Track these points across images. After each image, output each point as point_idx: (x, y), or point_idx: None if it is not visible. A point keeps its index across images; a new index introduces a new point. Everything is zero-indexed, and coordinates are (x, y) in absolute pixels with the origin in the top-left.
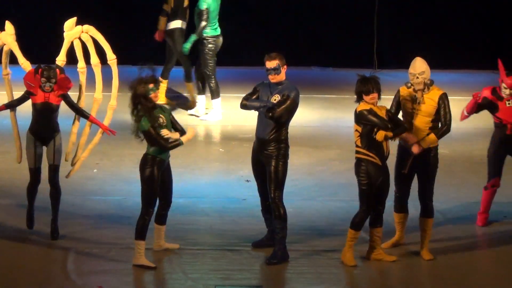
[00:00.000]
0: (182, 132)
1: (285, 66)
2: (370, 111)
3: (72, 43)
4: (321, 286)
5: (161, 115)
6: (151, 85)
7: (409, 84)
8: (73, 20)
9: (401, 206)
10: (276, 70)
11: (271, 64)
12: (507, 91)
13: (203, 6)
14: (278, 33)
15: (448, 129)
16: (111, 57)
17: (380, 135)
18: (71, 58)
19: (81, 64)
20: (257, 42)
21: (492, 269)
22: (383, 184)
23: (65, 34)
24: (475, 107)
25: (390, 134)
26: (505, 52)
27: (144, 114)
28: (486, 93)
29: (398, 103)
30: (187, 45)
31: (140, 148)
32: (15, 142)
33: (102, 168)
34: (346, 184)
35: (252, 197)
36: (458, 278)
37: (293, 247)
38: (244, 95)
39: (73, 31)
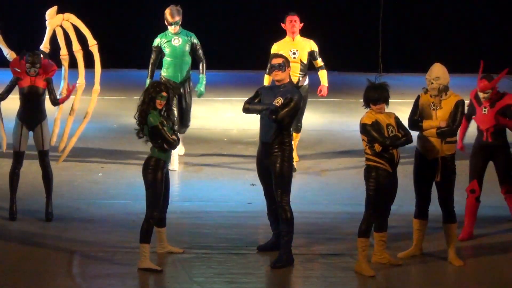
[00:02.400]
0: (178, 139)
1: (289, 68)
2: (373, 126)
3: (54, 31)
4: None
5: (163, 119)
6: (164, 93)
7: (426, 89)
8: (54, 8)
9: (421, 212)
10: (281, 67)
11: (276, 60)
12: (480, 95)
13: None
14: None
15: (451, 131)
16: (92, 42)
17: (378, 146)
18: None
19: (64, 51)
20: (261, 46)
21: (498, 273)
22: (391, 190)
23: (47, 22)
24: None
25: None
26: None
27: (151, 111)
28: (471, 96)
29: (417, 109)
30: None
31: (145, 152)
32: (1, 132)
33: (107, 171)
34: (351, 187)
35: (257, 201)
36: (462, 282)
37: (298, 250)
38: (246, 99)
39: (55, 19)
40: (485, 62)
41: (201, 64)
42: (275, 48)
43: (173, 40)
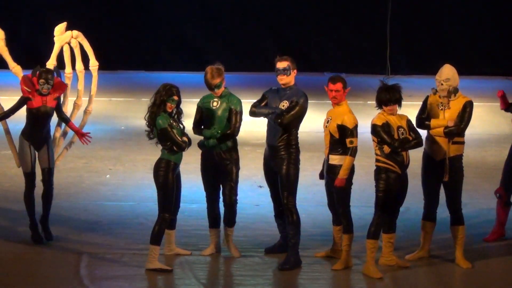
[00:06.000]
0: (190, 140)
1: (295, 70)
2: (383, 127)
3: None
4: None
5: (172, 121)
6: (175, 97)
7: (435, 90)
8: (63, 24)
9: (429, 213)
10: (286, 71)
11: (281, 64)
12: None
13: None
14: (290, 39)
15: (457, 131)
16: (93, 63)
17: (387, 148)
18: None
19: (68, 69)
20: (268, 48)
21: (506, 275)
22: (401, 192)
23: (55, 39)
24: (504, 103)
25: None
26: None
27: (161, 114)
28: None
29: (425, 108)
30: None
31: (153, 154)
32: (11, 149)
33: (115, 173)
34: (358, 189)
35: (265, 203)
36: (470, 284)
37: (305, 252)
38: (254, 101)
39: (64, 36)
40: (496, 64)
41: (228, 130)
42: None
43: (212, 102)
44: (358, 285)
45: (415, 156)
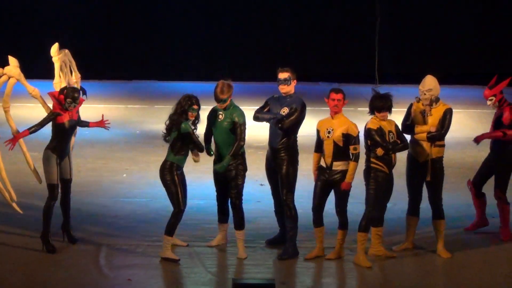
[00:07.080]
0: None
1: (295, 80)
2: (377, 131)
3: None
4: (328, 279)
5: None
6: (195, 106)
7: (418, 98)
8: (56, 45)
9: (413, 209)
10: (287, 81)
11: (283, 75)
12: (487, 102)
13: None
14: (289, 51)
15: (439, 136)
16: (77, 76)
17: (380, 151)
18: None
19: (64, 83)
20: (268, 61)
21: (483, 264)
22: (388, 190)
23: (54, 59)
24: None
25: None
26: (502, 68)
27: (182, 120)
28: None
29: (409, 115)
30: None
31: (164, 156)
32: (29, 166)
33: (130, 173)
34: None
35: (266, 199)
36: (451, 275)
37: (302, 244)
38: (256, 108)
39: (61, 55)
40: (475, 74)
41: (234, 144)
42: (318, 125)
43: (219, 114)
44: (349, 273)
45: (400, 158)
